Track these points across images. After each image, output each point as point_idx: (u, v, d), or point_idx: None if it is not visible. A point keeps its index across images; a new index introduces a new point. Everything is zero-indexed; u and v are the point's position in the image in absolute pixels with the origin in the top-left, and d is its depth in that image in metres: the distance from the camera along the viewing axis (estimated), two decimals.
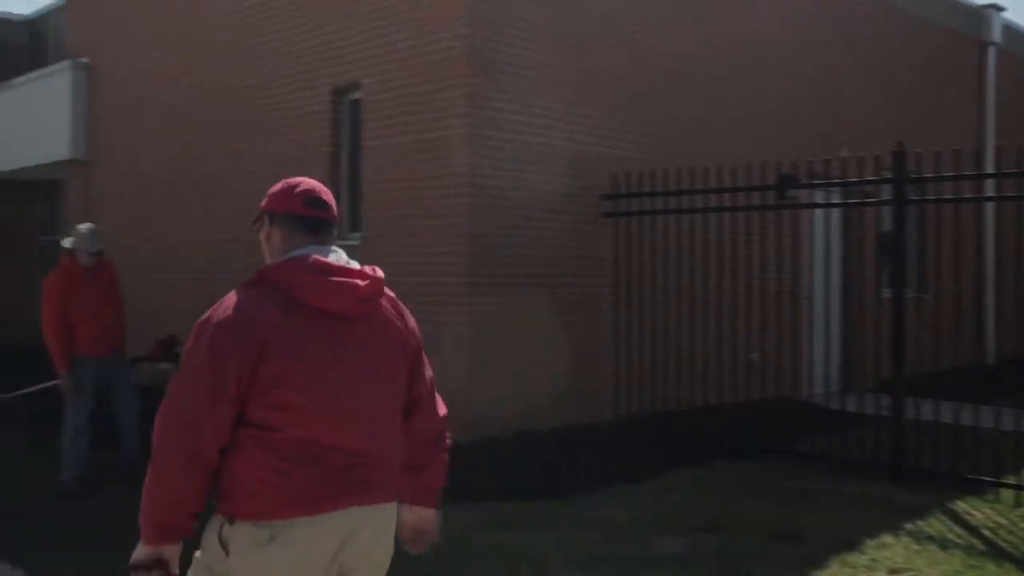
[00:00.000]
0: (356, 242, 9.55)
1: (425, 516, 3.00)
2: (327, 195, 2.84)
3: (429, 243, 8.75)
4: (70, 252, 7.75)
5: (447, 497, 6.29)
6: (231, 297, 2.69)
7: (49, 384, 7.85)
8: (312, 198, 2.79)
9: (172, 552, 2.60)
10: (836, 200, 9.15)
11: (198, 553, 2.70)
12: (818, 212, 9.61)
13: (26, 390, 8.29)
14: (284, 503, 2.54)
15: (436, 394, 3.03)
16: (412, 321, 2.92)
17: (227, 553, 2.57)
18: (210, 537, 2.63)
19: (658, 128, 10.13)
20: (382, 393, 2.76)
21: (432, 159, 8.72)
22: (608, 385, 9.43)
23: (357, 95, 9.67)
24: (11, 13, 17.36)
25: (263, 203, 2.89)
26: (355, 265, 2.74)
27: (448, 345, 8.56)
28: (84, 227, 7.97)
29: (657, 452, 8.44)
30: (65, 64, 13.90)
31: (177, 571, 2.63)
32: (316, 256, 2.68)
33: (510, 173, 8.82)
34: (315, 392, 2.58)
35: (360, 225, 9.55)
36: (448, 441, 3.07)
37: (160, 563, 2.58)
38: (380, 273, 2.74)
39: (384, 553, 2.83)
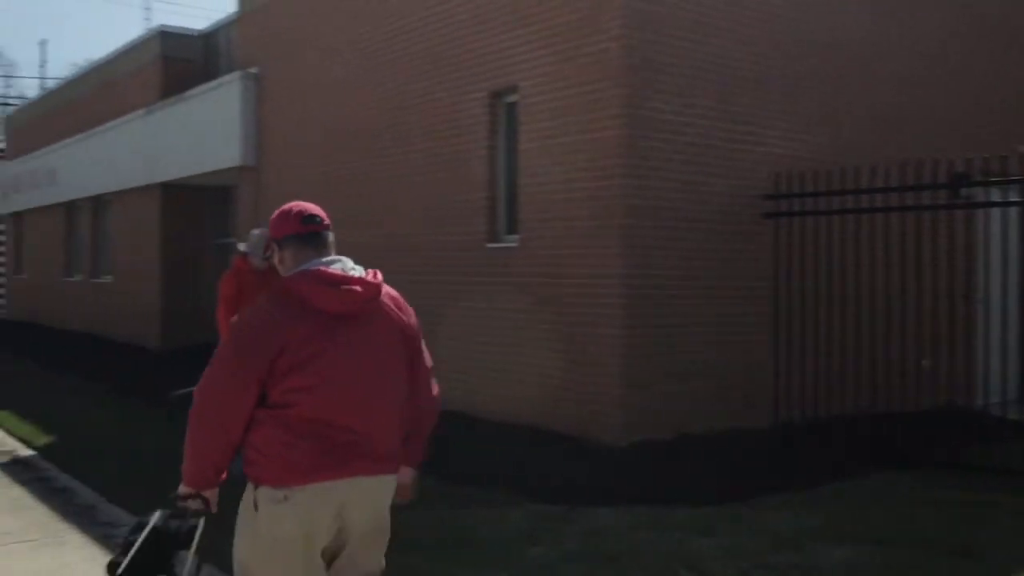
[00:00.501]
0: (514, 244, 9.63)
1: (406, 472, 3.54)
2: (317, 210, 3.44)
3: (586, 245, 8.73)
4: (244, 254, 8.08)
5: (605, 498, 6.21)
6: (260, 304, 3.31)
7: None
8: (306, 216, 3.40)
9: (210, 493, 3.33)
10: (1014, 198, 8.69)
11: (241, 506, 3.29)
12: (994, 211, 9.12)
13: (187, 390, 8.65)
14: (293, 472, 3.14)
15: (432, 375, 3.61)
16: (412, 316, 3.53)
17: (256, 508, 3.21)
18: (246, 495, 3.26)
19: (818, 126, 9.84)
20: (383, 382, 3.32)
21: (588, 160, 8.70)
22: (767, 390, 9.21)
23: (514, 98, 9.75)
24: (187, 29, 18.23)
25: (270, 235, 3.45)
26: (357, 272, 3.33)
27: (604, 347, 8.52)
28: (257, 231, 8.30)
29: (820, 460, 8.18)
30: (235, 75, 14.51)
31: (215, 508, 3.37)
32: (320, 268, 3.28)
33: (668, 173, 8.72)
34: (323, 380, 3.17)
35: (517, 227, 9.62)
36: (438, 412, 3.67)
37: (199, 498, 3.31)
38: (379, 278, 3.34)
39: (381, 518, 3.39)
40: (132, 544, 3.78)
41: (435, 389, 3.65)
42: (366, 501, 3.29)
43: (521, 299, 9.41)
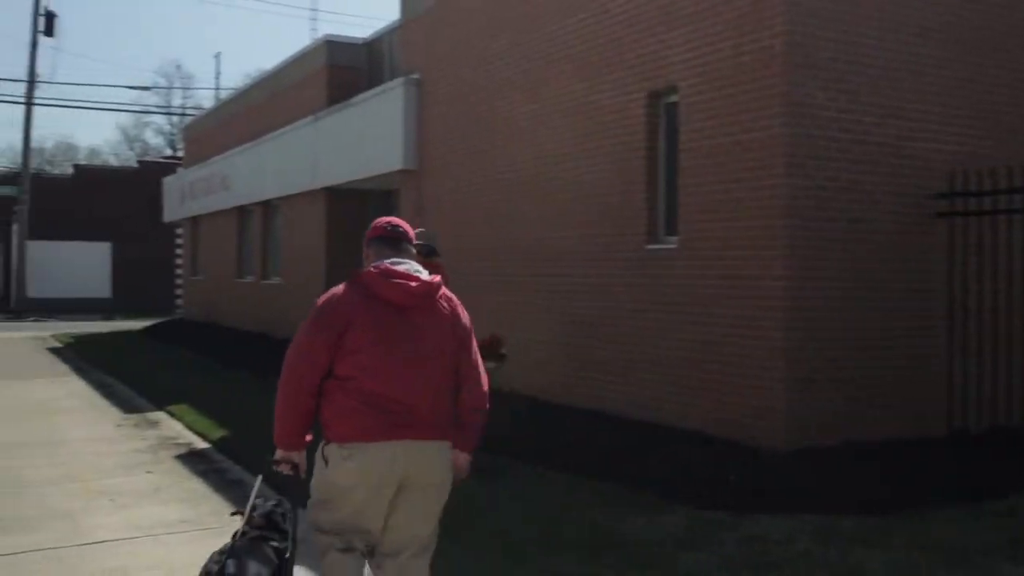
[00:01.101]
0: (673, 245, 9.52)
1: (461, 456, 4.10)
2: (401, 223, 4.20)
3: (748, 246, 8.54)
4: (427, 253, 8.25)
5: (766, 505, 6.04)
6: (334, 289, 4.01)
7: None
8: (391, 224, 4.18)
9: (298, 456, 3.99)
10: None
11: (315, 457, 3.96)
12: None
13: None
14: (355, 432, 3.83)
15: (481, 373, 4.12)
16: (464, 315, 4.13)
17: (326, 463, 3.91)
18: (318, 452, 3.94)
19: (989, 122, 9.34)
20: (430, 364, 3.94)
21: (752, 160, 8.51)
22: (940, 396, 8.80)
23: (674, 98, 9.63)
24: (352, 37, 18.78)
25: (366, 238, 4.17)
26: (420, 273, 4.00)
27: (766, 350, 8.33)
28: (419, 231, 8.47)
29: (997, 471, 7.74)
30: (398, 81, 14.85)
31: (304, 472, 4.01)
32: (385, 264, 3.99)
33: (834, 172, 8.44)
34: (380, 357, 3.84)
35: (677, 228, 9.50)
36: (486, 407, 4.15)
37: (290, 460, 3.98)
38: (436, 279, 4.02)
39: (435, 476, 3.98)
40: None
41: (484, 384, 4.14)
42: (418, 461, 3.91)
43: (681, 302, 9.29)
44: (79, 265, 40.19)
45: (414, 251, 4.20)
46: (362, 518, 3.93)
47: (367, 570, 4.14)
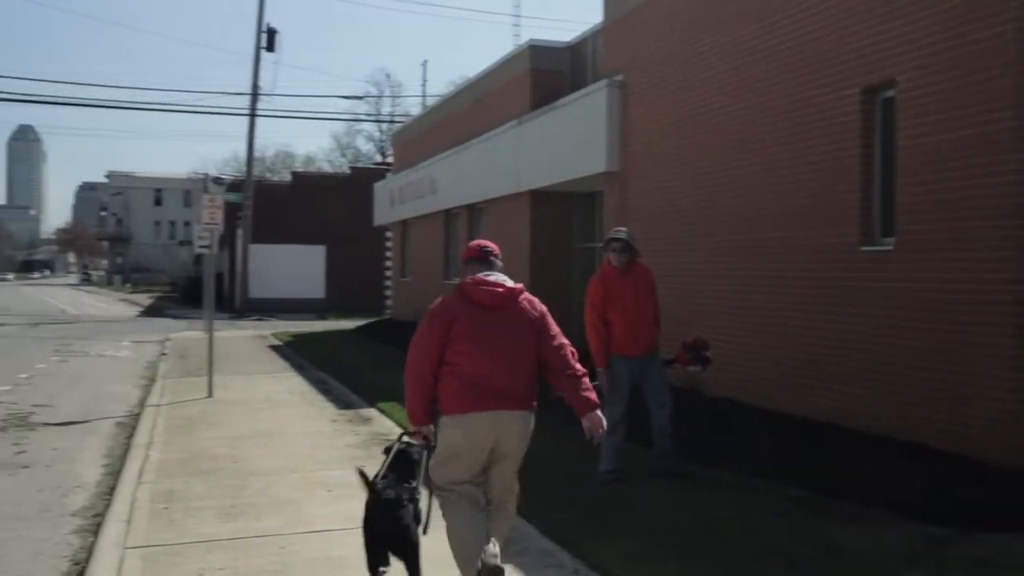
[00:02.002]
0: (890, 247, 9.09)
1: (590, 416, 5.18)
2: (490, 244, 5.41)
3: (973, 248, 8.05)
4: (619, 244, 8.25)
5: (995, 522, 5.69)
6: (443, 296, 5.20)
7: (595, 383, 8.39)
8: (481, 247, 5.40)
9: (427, 430, 5.19)
10: None
11: (437, 432, 5.14)
12: None
13: None
14: (461, 405, 5.00)
15: (567, 353, 5.22)
16: (541, 313, 5.26)
17: (443, 431, 5.09)
18: (436, 424, 5.15)
19: None
20: (515, 353, 5.10)
21: (978, 157, 8.02)
22: None
23: (890, 93, 9.21)
24: (555, 41, 18.95)
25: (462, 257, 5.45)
26: (506, 282, 5.19)
27: (992, 358, 7.82)
28: (619, 231, 8.48)
29: None
30: (601, 83, 14.86)
31: (432, 441, 5.17)
32: (478, 276, 5.20)
33: None
34: (476, 348, 5.01)
35: (893, 230, 9.07)
36: (575, 370, 5.18)
37: (420, 434, 5.21)
38: (519, 286, 5.22)
39: (518, 437, 5.13)
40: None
41: (568, 354, 5.22)
42: (505, 426, 5.05)
43: (897, 305, 8.87)
44: (296, 267, 42.33)
45: (501, 264, 5.36)
46: (469, 471, 5.12)
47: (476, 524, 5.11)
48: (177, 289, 63.95)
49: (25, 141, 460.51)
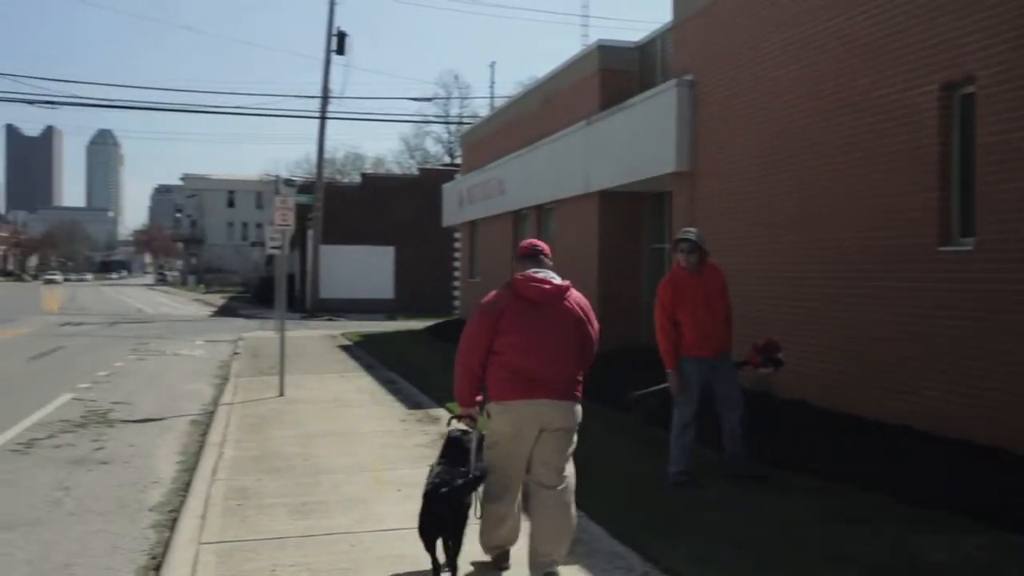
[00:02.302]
0: (969, 247, 8.87)
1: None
2: (540, 243, 5.85)
3: None
4: (690, 246, 8.18)
5: None
6: (494, 291, 5.63)
7: (665, 385, 8.33)
8: (532, 245, 5.82)
9: (473, 412, 5.62)
10: None
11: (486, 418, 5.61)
12: None
13: (651, 388, 8.82)
14: (507, 393, 5.40)
15: (588, 358, 5.66)
16: (588, 310, 5.68)
17: (490, 417, 5.54)
18: (485, 409, 5.60)
19: None
20: (559, 345, 5.48)
21: None
22: None
23: (970, 89, 8.99)
24: (624, 41, 18.83)
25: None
26: (555, 279, 5.57)
27: None
28: (688, 231, 8.40)
29: None
30: (670, 83, 14.74)
31: (476, 424, 5.63)
32: (527, 272, 5.59)
33: None
34: (523, 340, 5.42)
35: (973, 229, 8.85)
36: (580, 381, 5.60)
37: (468, 415, 5.63)
38: (566, 283, 5.61)
39: (562, 423, 5.48)
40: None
41: (587, 362, 5.69)
42: (549, 414, 5.44)
43: (977, 307, 8.65)
44: (365, 268, 42.76)
45: (550, 263, 5.75)
46: (515, 455, 5.50)
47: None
48: (249, 289, 65.06)
49: (104, 145, 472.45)
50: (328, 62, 39.61)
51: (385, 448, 9.87)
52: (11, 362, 19.66)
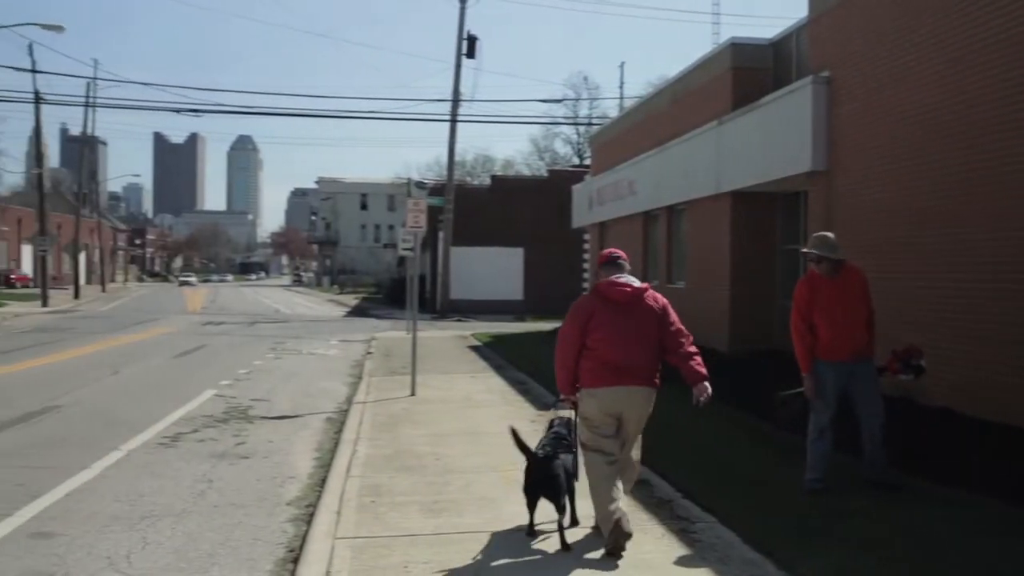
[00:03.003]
0: None
1: (698, 385, 6.35)
2: (619, 252, 6.67)
3: None
4: (819, 260, 7.97)
5: None
6: (583, 295, 6.56)
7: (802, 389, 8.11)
8: (613, 254, 6.63)
9: (573, 396, 6.47)
10: None
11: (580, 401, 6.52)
12: None
13: (796, 389, 8.57)
14: (596, 381, 6.29)
15: (681, 337, 6.43)
16: (663, 304, 6.47)
17: (583, 401, 6.40)
18: (580, 394, 6.47)
19: None
20: (640, 339, 6.33)
21: None
22: None
23: None
24: (757, 38, 18.47)
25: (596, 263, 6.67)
26: (633, 282, 6.41)
27: None
28: (821, 235, 8.16)
29: None
30: (806, 80, 14.37)
31: (573, 405, 6.59)
32: (609, 278, 6.44)
33: None
34: (608, 336, 6.27)
35: None
36: (696, 354, 6.42)
37: (569, 400, 6.54)
38: (644, 285, 6.41)
39: (641, 406, 6.40)
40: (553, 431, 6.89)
41: (686, 337, 6.47)
42: (631, 399, 6.37)
43: None
44: (495, 269, 43.10)
45: (629, 267, 6.63)
46: (603, 432, 6.40)
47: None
48: (381, 290, 66.37)
49: (244, 151, 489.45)
50: (458, 66, 40.07)
51: (514, 448, 9.87)
52: (157, 359, 20.52)
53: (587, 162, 44.46)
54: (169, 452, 10.05)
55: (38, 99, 44.57)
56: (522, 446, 6.55)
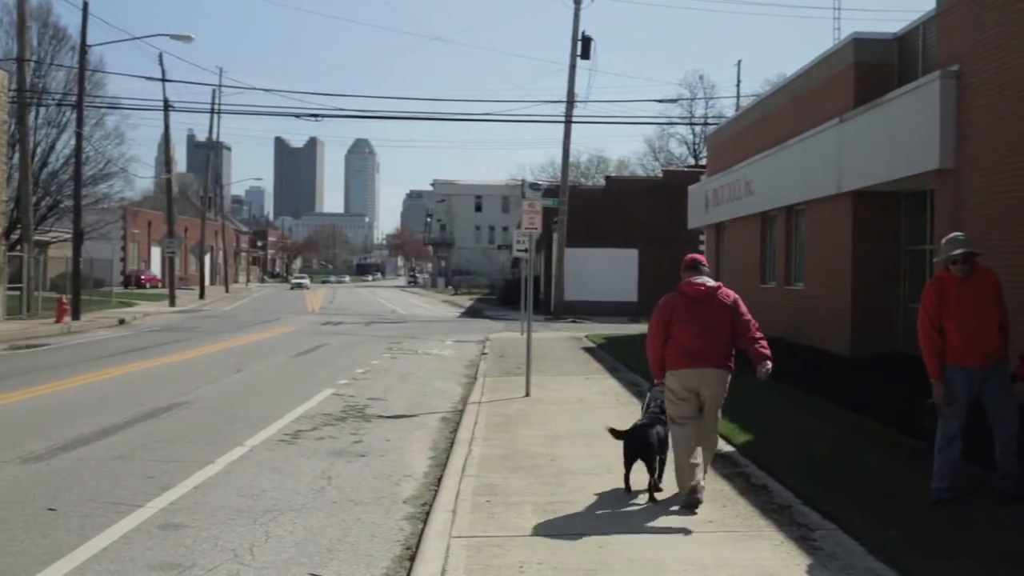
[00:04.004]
0: None
1: (762, 363, 7.46)
2: (700, 256, 8.00)
3: None
4: (949, 263, 7.68)
5: None
6: (667, 295, 7.74)
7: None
8: (693, 258, 7.90)
9: (662, 378, 7.67)
10: None
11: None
12: None
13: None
14: (679, 364, 7.50)
15: (749, 325, 7.58)
16: (733, 298, 7.63)
17: (668, 381, 7.62)
18: (666, 376, 7.69)
19: None
20: (714, 329, 7.48)
21: None
22: None
23: None
24: (880, 33, 17.95)
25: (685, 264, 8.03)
26: (708, 282, 7.66)
27: None
28: (952, 236, 7.85)
29: None
30: (933, 75, 13.88)
31: (662, 387, 7.74)
32: (691, 280, 7.68)
33: None
34: (688, 327, 7.48)
35: None
36: (761, 339, 7.55)
37: (660, 383, 7.72)
38: (717, 284, 7.70)
39: (716, 385, 7.52)
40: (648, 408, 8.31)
41: (755, 327, 7.64)
42: (707, 379, 7.49)
43: None
44: (609, 270, 42.95)
45: (707, 269, 7.93)
46: (685, 407, 7.57)
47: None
48: (495, 291, 66.77)
49: (361, 154, 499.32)
50: (573, 67, 40.07)
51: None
52: (278, 358, 21.06)
53: (703, 162, 43.93)
54: (290, 449, 10.28)
55: (167, 107, 46.34)
56: (618, 435, 7.97)
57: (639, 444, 7.72)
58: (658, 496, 7.60)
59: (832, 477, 8.36)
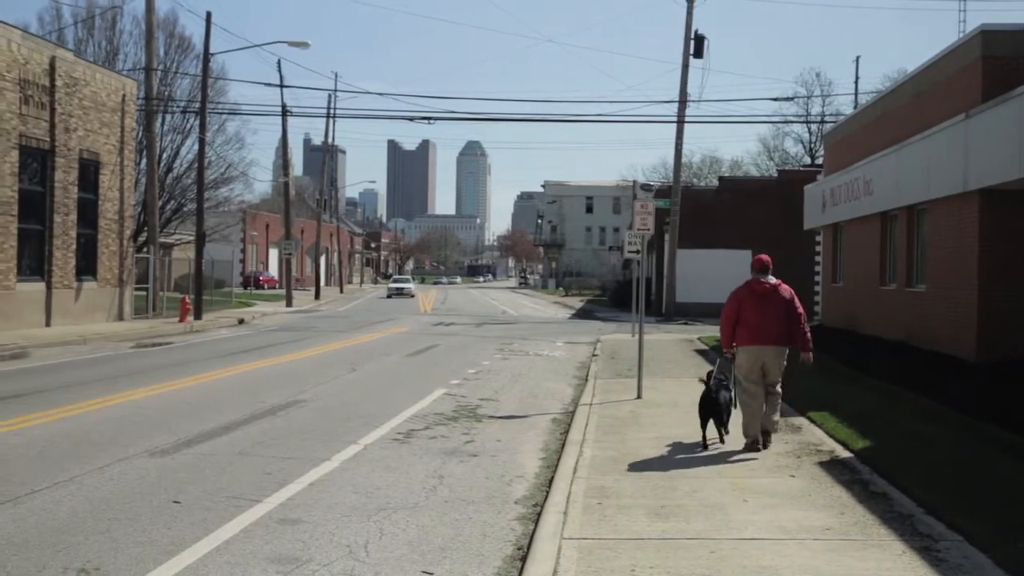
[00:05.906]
0: None
1: (805, 353, 10.10)
2: (766, 257, 10.45)
3: None
4: None
5: None
6: (737, 287, 10.44)
7: None
8: (761, 259, 10.40)
9: (733, 350, 10.29)
10: None
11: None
12: None
13: None
14: (747, 340, 10.09)
15: (804, 323, 10.10)
16: (790, 293, 10.17)
17: (738, 354, 10.28)
18: (737, 349, 10.38)
19: None
20: (773, 315, 10.01)
21: None
22: None
23: None
24: (1012, 24, 17.20)
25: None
26: (771, 280, 10.15)
27: None
28: None
29: None
30: None
31: (733, 357, 10.33)
32: (755, 277, 10.30)
33: None
34: (752, 314, 10.05)
35: None
36: (807, 332, 10.13)
37: (731, 352, 10.32)
38: (778, 282, 10.20)
39: (778, 364, 10.08)
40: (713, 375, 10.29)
41: (803, 319, 10.04)
42: (768, 353, 9.95)
43: None
44: (722, 272, 42.21)
45: (771, 268, 10.08)
46: (752, 375, 9.89)
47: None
48: (606, 292, 66.50)
49: (472, 156, 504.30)
50: (686, 66, 39.61)
51: (741, 454, 9.65)
52: (392, 358, 21.37)
53: (819, 161, 42.99)
54: (402, 448, 10.41)
55: (285, 112, 47.47)
56: (706, 383, 10.15)
57: (712, 407, 9.97)
58: (723, 445, 10.03)
59: (956, 486, 8.07)
